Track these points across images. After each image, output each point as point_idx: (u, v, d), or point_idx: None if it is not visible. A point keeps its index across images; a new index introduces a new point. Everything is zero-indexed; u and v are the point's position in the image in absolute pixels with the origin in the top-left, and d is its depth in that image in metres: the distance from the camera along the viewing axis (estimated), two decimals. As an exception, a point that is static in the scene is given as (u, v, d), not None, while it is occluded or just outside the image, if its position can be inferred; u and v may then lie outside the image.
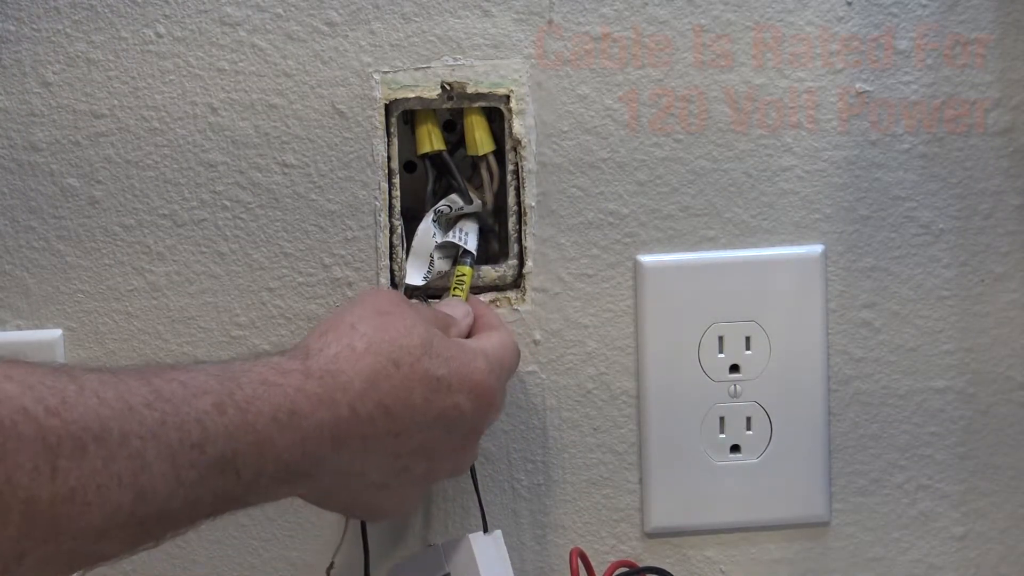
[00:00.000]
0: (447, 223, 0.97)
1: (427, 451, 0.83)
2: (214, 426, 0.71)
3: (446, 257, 0.96)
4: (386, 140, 0.95)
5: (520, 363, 0.95)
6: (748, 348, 0.98)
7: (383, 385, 0.80)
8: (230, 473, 0.72)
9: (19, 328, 0.95)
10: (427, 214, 0.96)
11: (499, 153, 0.97)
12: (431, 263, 0.95)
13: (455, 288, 0.95)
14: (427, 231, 0.95)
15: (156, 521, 0.69)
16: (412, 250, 0.96)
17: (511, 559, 0.92)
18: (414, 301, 0.93)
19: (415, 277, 0.95)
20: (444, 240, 0.95)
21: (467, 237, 0.96)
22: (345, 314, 0.83)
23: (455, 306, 0.92)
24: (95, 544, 0.67)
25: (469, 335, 0.90)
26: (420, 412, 0.81)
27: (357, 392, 0.78)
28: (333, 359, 0.79)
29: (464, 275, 0.95)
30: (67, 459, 0.64)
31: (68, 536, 0.65)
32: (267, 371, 0.76)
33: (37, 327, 0.95)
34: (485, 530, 0.92)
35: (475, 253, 0.96)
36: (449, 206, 0.96)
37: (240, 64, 0.94)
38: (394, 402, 0.80)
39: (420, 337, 0.82)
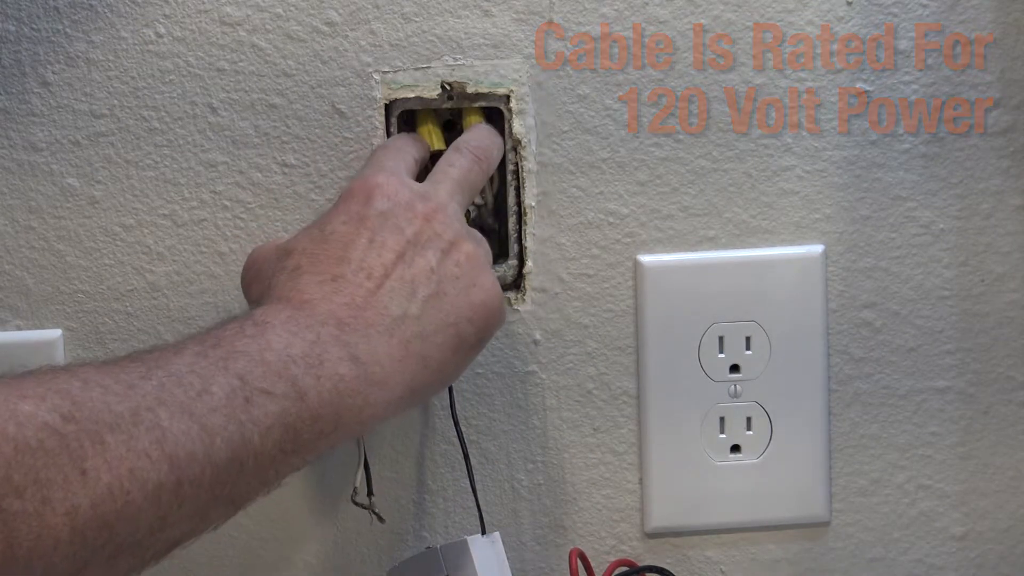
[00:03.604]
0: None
1: (380, 245, 0.81)
2: (204, 370, 0.70)
3: None
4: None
5: (520, 363, 0.95)
6: (748, 348, 0.98)
7: (301, 241, 0.83)
8: (259, 399, 0.70)
9: (19, 328, 0.95)
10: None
11: (499, 153, 0.97)
12: None
13: None
14: None
15: (211, 483, 0.68)
16: None
17: (511, 559, 0.92)
18: None
19: None
20: None
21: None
22: None
23: None
24: (159, 530, 0.66)
25: None
26: (329, 227, 0.82)
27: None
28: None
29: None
30: (91, 459, 0.63)
31: (124, 532, 0.64)
32: (232, 320, 0.76)
33: (37, 327, 0.95)
34: (483, 532, 0.92)
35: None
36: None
37: (240, 64, 0.94)
38: (304, 242, 0.82)
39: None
